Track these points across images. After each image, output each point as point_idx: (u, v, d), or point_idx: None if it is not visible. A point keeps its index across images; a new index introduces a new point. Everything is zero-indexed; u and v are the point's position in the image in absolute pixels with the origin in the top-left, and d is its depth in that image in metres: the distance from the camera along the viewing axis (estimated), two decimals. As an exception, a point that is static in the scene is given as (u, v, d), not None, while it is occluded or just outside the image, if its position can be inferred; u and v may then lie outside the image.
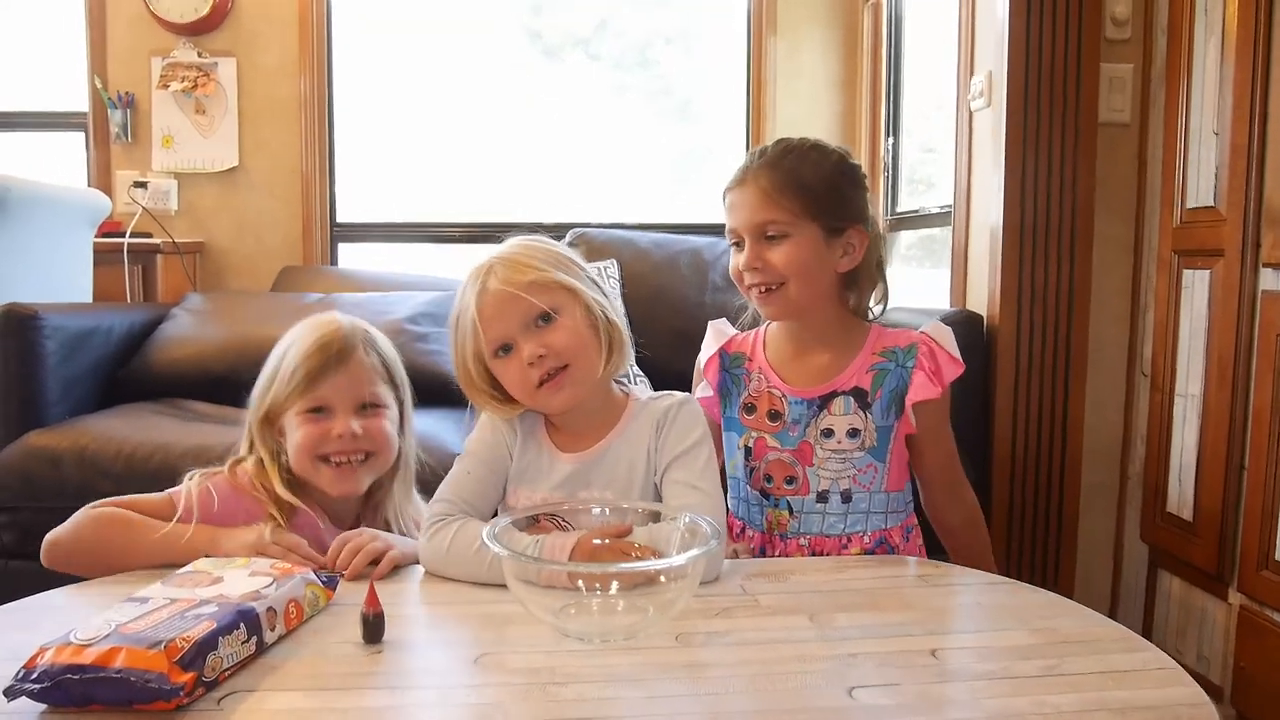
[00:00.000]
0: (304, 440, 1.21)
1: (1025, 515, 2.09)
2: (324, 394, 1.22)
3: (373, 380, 1.26)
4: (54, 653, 0.78)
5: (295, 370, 1.22)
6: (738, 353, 1.37)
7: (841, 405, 1.28)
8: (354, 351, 1.24)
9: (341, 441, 1.21)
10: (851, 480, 1.28)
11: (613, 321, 1.19)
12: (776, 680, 0.82)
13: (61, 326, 2.14)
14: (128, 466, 1.91)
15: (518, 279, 1.14)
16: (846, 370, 1.29)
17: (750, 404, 1.33)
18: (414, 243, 3.36)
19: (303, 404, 1.22)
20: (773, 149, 1.29)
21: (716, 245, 2.82)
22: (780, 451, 1.29)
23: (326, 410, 1.22)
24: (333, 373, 1.22)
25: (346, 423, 1.21)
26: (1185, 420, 1.92)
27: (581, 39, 3.43)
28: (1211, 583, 1.85)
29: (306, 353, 1.22)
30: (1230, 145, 1.77)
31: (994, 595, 1.07)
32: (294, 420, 1.23)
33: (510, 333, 1.14)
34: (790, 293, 1.26)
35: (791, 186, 1.25)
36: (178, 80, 3.05)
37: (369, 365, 1.26)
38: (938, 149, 2.83)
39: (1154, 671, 0.85)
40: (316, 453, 1.21)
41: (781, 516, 1.30)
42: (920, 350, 1.28)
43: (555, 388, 1.14)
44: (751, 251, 1.27)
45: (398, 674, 0.86)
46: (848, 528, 1.28)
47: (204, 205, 3.12)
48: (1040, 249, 2.05)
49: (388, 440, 1.26)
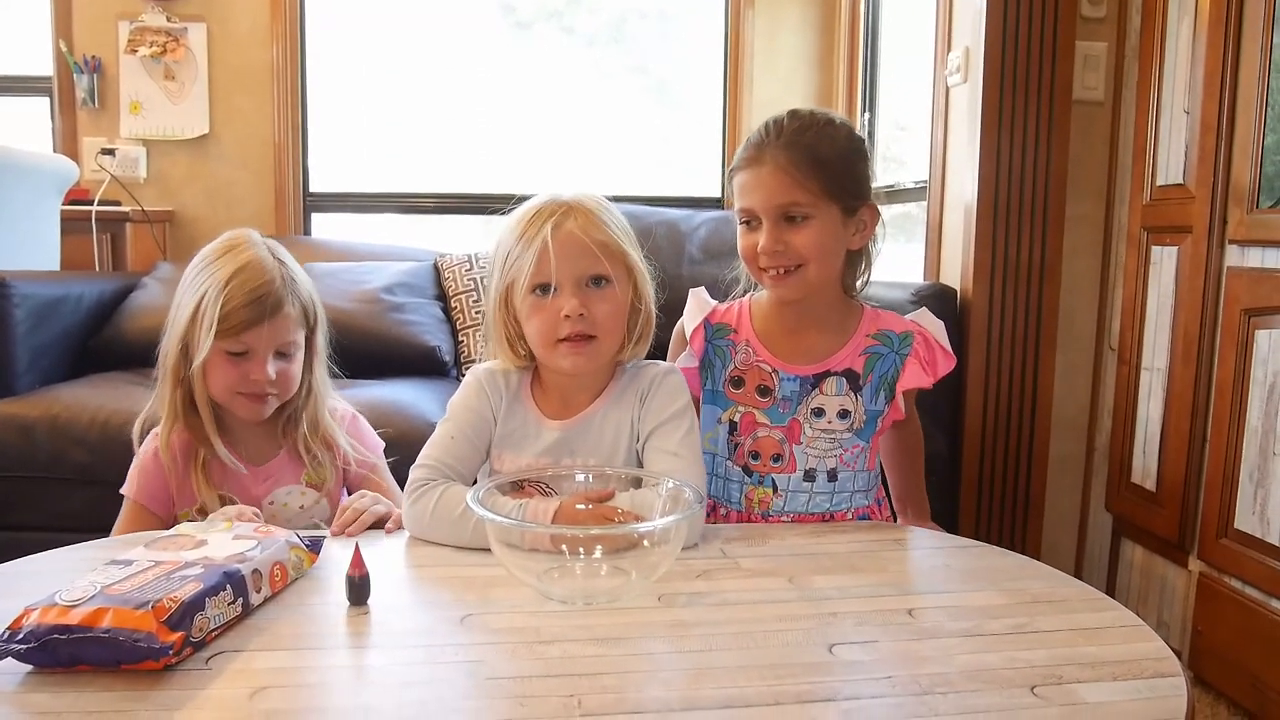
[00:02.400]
0: (222, 379, 1.27)
1: (994, 485, 2.13)
2: (247, 340, 1.26)
3: (293, 329, 1.31)
4: (40, 613, 0.78)
5: (223, 316, 1.24)
6: (721, 323, 1.33)
7: (834, 385, 1.26)
8: (282, 306, 1.28)
9: (256, 385, 1.27)
10: (838, 459, 1.27)
11: (650, 313, 1.20)
12: (758, 638, 0.84)
13: (30, 295, 2.11)
14: (102, 435, 1.90)
15: (594, 233, 1.13)
16: (840, 351, 1.27)
17: (737, 377, 1.29)
18: (387, 213, 3.33)
19: (224, 345, 1.26)
20: (788, 125, 1.22)
21: (693, 218, 2.83)
22: (770, 428, 1.27)
23: (248, 354, 1.27)
24: (260, 324, 1.26)
25: (263, 369, 1.27)
26: (1151, 393, 1.96)
27: (554, 11, 3.40)
28: (1173, 550, 1.90)
29: (236, 303, 1.24)
30: (1200, 123, 1.80)
31: (966, 558, 1.10)
32: (215, 362, 1.27)
33: (561, 278, 1.12)
34: (809, 274, 1.22)
35: (812, 165, 1.19)
36: (146, 45, 3.00)
37: (292, 316, 1.30)
38: (910, 126, 2.85)
39: (1120, 629, 0.88)
40: (234, 390, 1.28)
41: (765, 494, 1.27)
42: (916, 339, 1.28)
43: (573, 351, 1.13)
44: (772, 234, 1.21)
45: (384, 634, 0.87)
46: (833, 506, 1.28)
47: (174, 173, 3.07)
48: (1013, 224, 2.08)
49: (293, 379, 1.33)
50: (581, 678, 0.77)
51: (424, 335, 2.45)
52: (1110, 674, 0.78)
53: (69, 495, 1.93)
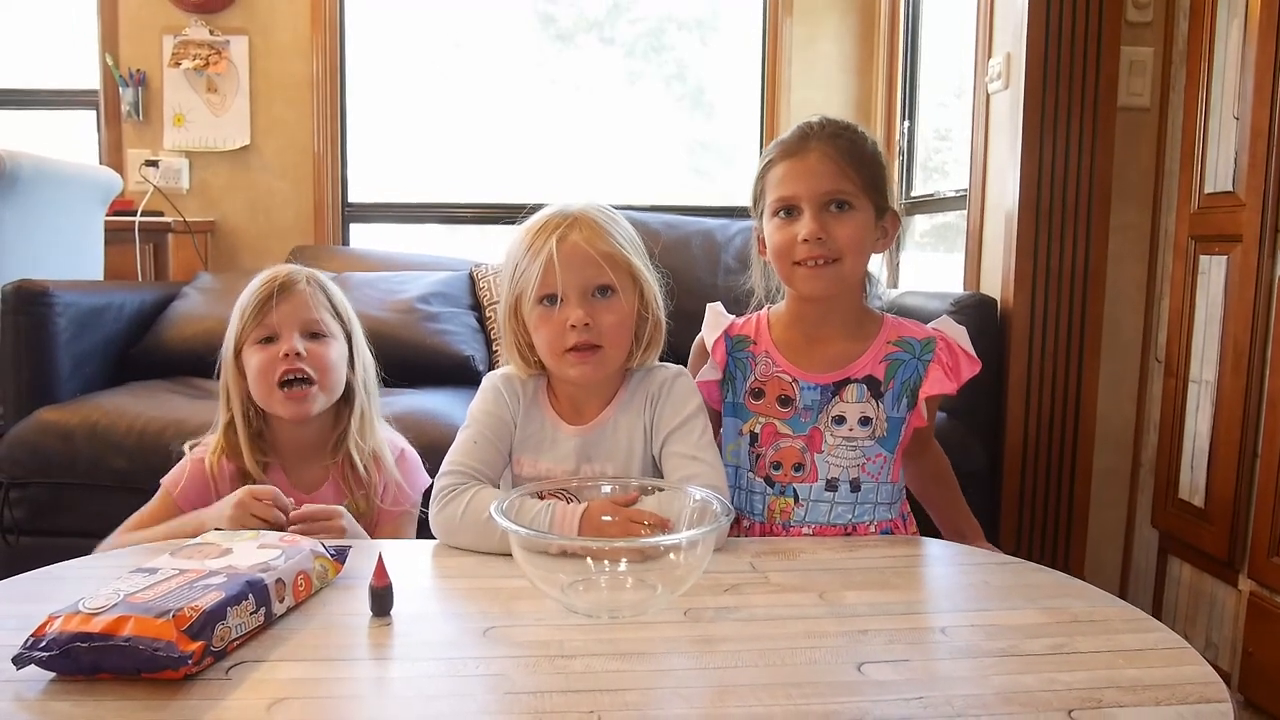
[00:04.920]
0: (258, 367, 1.31)
1: (1036, 499, 2.08)
2: (271, 321, 1.31)
3: (316, 308, 1.35)
4: (63, 621, 0.78)
5: (247, 306, 1.33)
6: (741, 335, 1.32)
7: (854, 393, 1.25)
8: (297, 283, 1.34)
9: (288, 361, 1.30)
10: (860, 469, 1.25)
11: (660, 321, 1.20)
12: (786, 655, 0.82)
13: (73, 303, 2.14)
14: (139, 442, 1.92)
15: (598, 244, 1.14)
16: (861, 358, 1.26)
17: (758, 389, 1.28)
18: (425, 224, 3.36)
19: (255, 334, 1.32)
20: (828, 122, 1.25)
21: (729, 227, 2.81)
22: (792, 438, 1.26)
23: (276, 338, 1.31)
24: (278, 301, 1.31)
25: (291, 343, 1.30)
26: (1199, 407, 1.91)
27: (595, 22, 3.41)
28: (1222, 569, 1.84)
29: (258, 292, 1.33)
30: (1251, 129, 1.75)
31: (1003, 575, 1.06)
32: (250, 354, 1.32)
33: (567, 289, 1.13)
34: (844, 269, 1.22)
35: (855, 159, 1.22)
36: (189, 58, 3.05)
37: (311, 294, 1.35)
38: (951, 136, 2.81)
39: (1164, 651, 0.85)
40: (270, 378, 1.30)
41: (786, 504, 1.26)
42: (938, 345, 1.27)
43: (579, 360, 1.14)
44: (816, 221, 1.20)
45: (407, 645, 0.86)
46: (855, 517, 1.26)
47: (215, 184, 3.12)
48: (1056, 233, 2.04)
49: (331, 366, 1.34)
50: (603, 693, 0.75)
51: (458, 345, 2.45)
52: (1153, 698, 0.75)
53: (108, 501, 1.94)
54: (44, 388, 2.08)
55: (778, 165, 1.25)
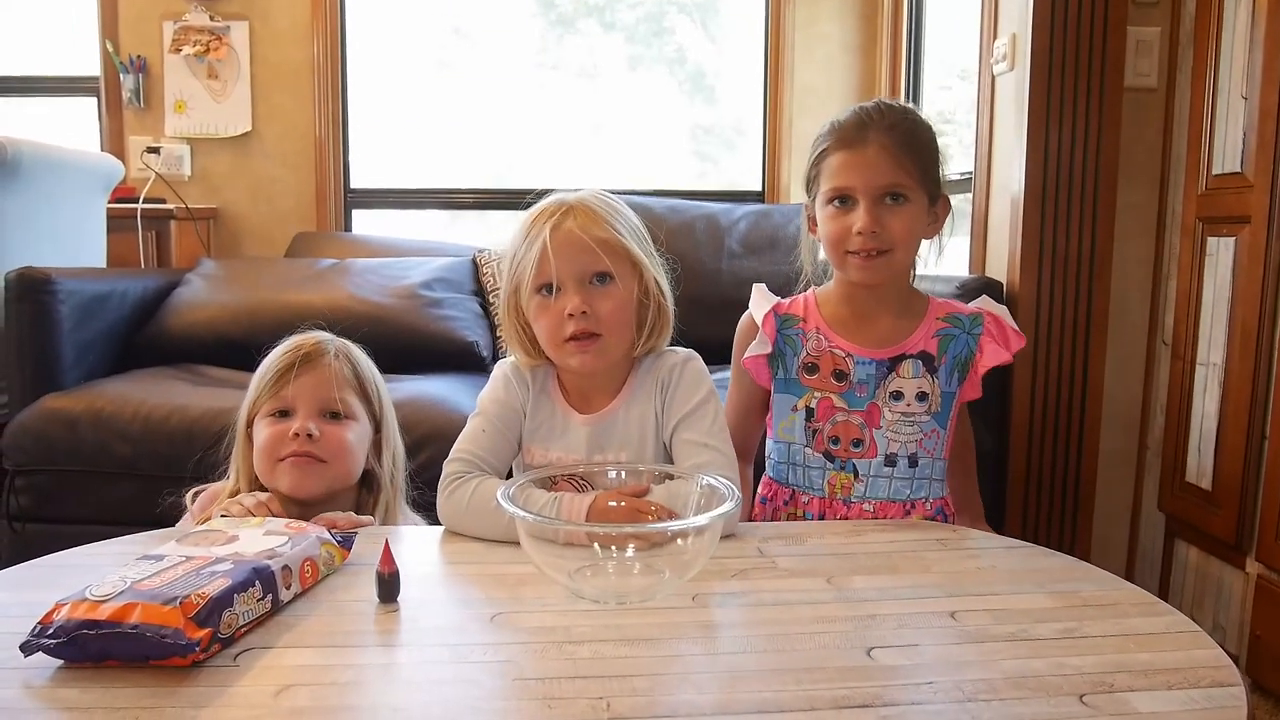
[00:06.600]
0: (265, 441, 1.21)
1: (1043, 482, 2.08)
2: (288, 394, 1.21)
3: (339, 386, 1.23)
4: (70, 608, 0.78)
5: (266, 374, 1.23)
6: (788, 314, 1.32)
7: (910, 368, 1.26)
8: (323, 355, 1.24)
9: (296, 441, 1.19)
10: (918, 444, 1.26)
11: (665, 305, 1.19)
12: (794, 640, 0.82)
13: (76, 291, 2.14)
14: (145, 428, 1.92)
15: (594, 231, 1.12)
16: (914, 334, 1.27)
17: (811, 364, 1.28)
18: (428, 209, 3.35)
19: (269, 406, 1.22)
20: (886, 110, 1.24)
21: (733, 211, 2.80)
22: (849, 413, 1.26)
23: (290, 413, 1.22)
24: (299, 373, 1.21)
25: (305, 422, 1.20)
26: (1206, 389, 1.90)
27: (595, 7, 3.38)
28: (1229, 552, 1.83)
29: (276, 357, 1.24)
30: (1259, 109, 1.73)
31: (1012, 559, 1.06)
32: (261, 427, 1.23)
33: (563, 277, 1.12)
34: (895, 259, 1.23)
35: (912, 150, 1.21)
36: (190, 44, 3.04)
37: (337, 370, 1.24)
38: (956, 119, 2.79)
39: (1175, 634, 0.84)
40: (275, 456, 1.20)
41: (846, 480, 1.26)
42: (986, 319, 1.28)
43: (580, 349, 1.13)
44: (871, 214, 1.21)
45: (413, 632, 0.86)
46: (913, 493, 1.27)
47: (217, 171, 3.11)
48: (1062, 215, 2.02)
49: (345, 450, 1.22)
50: (611, 679, 0.75)
51: (462, 330, 2.45)
52: (1164, 682, 0.74)
53: (112, 488, 1.96)
54: (48, 375, 2.08)
55: (836, 153, 1.24)
